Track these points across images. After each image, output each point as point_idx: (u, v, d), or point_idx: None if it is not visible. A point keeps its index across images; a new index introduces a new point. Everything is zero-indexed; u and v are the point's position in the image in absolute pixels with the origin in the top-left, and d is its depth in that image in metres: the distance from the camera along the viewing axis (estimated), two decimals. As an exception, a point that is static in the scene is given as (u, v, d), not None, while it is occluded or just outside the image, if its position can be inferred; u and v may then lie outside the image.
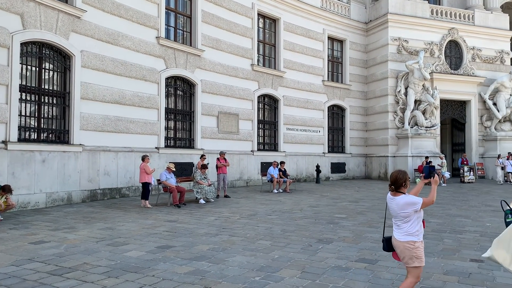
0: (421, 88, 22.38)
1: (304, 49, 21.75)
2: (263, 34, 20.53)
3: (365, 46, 24.68)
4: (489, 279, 5.35)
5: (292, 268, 5.80)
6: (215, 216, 10.33)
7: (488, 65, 24.98)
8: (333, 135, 23.73)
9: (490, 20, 25.07)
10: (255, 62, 19.34)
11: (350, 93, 24.04)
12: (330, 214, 10.78)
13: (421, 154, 21.47)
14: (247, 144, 18.92)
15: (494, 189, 18.18)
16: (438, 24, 23.79)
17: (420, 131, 22.00)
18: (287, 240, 7.56)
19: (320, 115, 22.55)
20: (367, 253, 6.65)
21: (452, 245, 7.28)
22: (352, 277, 5.44)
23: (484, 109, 24.75)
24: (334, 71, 23.97)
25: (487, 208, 12.13)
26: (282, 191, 16.33)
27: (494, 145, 24.16)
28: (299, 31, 21.56)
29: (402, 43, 22.95)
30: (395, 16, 22.83)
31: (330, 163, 22.93)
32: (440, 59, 23.73)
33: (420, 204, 3.86)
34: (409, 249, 3.90)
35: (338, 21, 23.33)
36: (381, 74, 23.44)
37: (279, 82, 20.50)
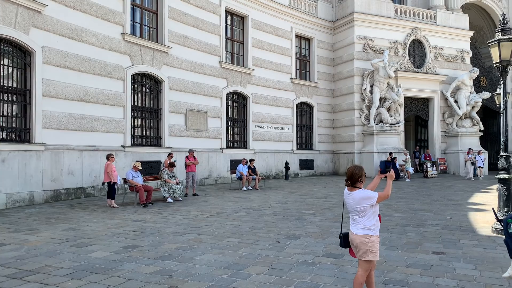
0: (386, 86, 22.90)
1: (273, 47, 21.84)
2: (231, 31, 20.47)
3: (332, 45, 25.02)
4: (449, 271, 5.54)
5: (259, 265, 5.83)
6: (183, 214, 10.24)
7: (449, 64, 25.83)
8: (301, 132, 23.96)
9: (451, 20, 25.92)
10: (223, 59, 19.26)
11: (318, 91, 24.33)
12: (298, 210, 10.89)
13: (386, 150, 21.99)
14: (216, 142, 18.84)
15: (455, 184, 18.85)
16: (402, 23, 24.39)
17: (385, 128, 22.53)
18: (255, 237, 7.58)
19: (288, 112, 22.72)
20: (333, 248, 6.75)
21: (415, 239, 7.50)
22: (319, 272, 5.51)
23: (446, 106, 25.59)
24: (302, 69, 24.18)
25: (448, 202, 12.56)
26: (251, 188, 16.37)
27: (456, 141, 25.04)
28: (267, 28, 21.63)
29: (368, 41, 23.41)
30: (360, 15, 23.25)
31: (299, 160, 23.16)
32: (404, 57, 24.35)
33: (375, 199, 3.94)
34: (365, 243, 3.98)
35: (306, 19, 23.55)
36: (347, 72, 23.84)
37: (247, 79, 20.50)
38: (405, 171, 21.45)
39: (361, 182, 4.05)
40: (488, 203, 12.08)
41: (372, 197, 3.95)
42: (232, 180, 17.39)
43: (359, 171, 4.04)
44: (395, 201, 12.78)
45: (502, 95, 8.46)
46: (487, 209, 11.01)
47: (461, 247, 6.86)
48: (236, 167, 16.93)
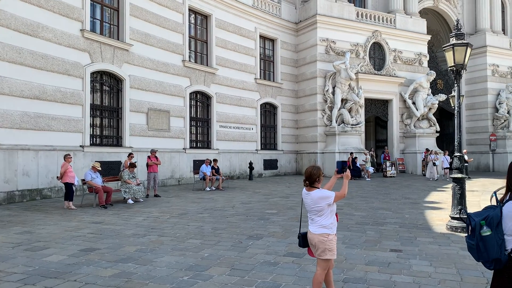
0: (348, 87, 23.38)
1: (237, 47, 21.82)
2: (194, 30, 20.28)
3: (296, 46, 25.29)
4: (406, 268, 5.70)
5: (221, 266, 5.79)
6: (143, 216, 10.04)
7: (408, 67, 26.69)
8: (265, 133, 24.07)
9: (410, 24, 26.80)
10: (186, 58, 19.06)
11: (282, 91, 24.51)
12: (261, 210, 10.92)
13: (348, 150, 22.45)
14: (179, 142, 18.60)
15: (413, 183, 19.49)
16: (363, 26, 24.98)
17: (347, 128, 22.99)
18: (217, 238, 7.53)
19: (253, 112, 22.76)
20: (295, 247, 6.80)
21: (374, 237, 7.68)
22: (280, 271, 5.54)
23: (404, 107, 26.42)
24: (266, 70, 24.30)
25: (406, 201, 12.95)
26: (215, 189, 16.27)
27: (413, 141, 25.91)
28: (231, 28, 21.58)
29: (330, 43, 23.82)
30: (323, 18, 23.62)
31: (263, 160, 23.25)
32: (365, 60, 24.95)
33: (333, 198, 4.01)
34: (323, 241, 4.03)
35: (270, 20, 23.68)
36: (310, 74, 24.16)
37: (211, 79, 20.37)
38: (365, 171, 21.98)
39: (319, 182, 4.10)
40: (443, 201, 12.56)
41: (329, 196, 4.00)
42: (195, 181, 17.23)
43: (317, 171, 4.09)
44: (356, 200, 13.06)
45: (456, 98, 8.81)
46: (443, 207, 11.45)
47: (417, 244, 7.09)
48: (200, 168, 16.78)
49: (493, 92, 30.32)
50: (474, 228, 2.86)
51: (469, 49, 8.40)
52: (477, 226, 2.86)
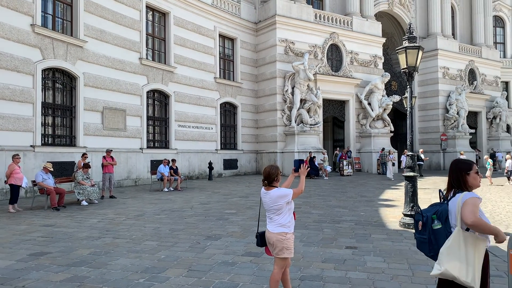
0: (306, 88, 23.72)
1: (196, 45, 21.60)
2: (152, 28, 19.89)
3: (255, 46, 25.36)
4: (360, 264, 5.83)
5: (178, 267, 5.70)
6: (98, 218, 9.73)
7: (364, 68, 27.42)
8: (225, 132, 23.99)
9: (366, 27, 27.54)
10: (143, 56, 18.66)
11: (242, 91, 24.52)
12: (220, 210, 10.86)
13: (306, 150, 22.77)
14: (135, 142, 18.19)
15: (368, 181, 20.04)
16: (321, 28, 25.41)
17: (305, 128, 23.32)
18: (175, 239, 7.42)
19: (212, 112, 22.62)
20: (253, 246, 6.80)
21: (330, 234, 7.82)
22: (238, 271, 5.52)
23: (360, 108, 27.11)
24: (226, 69, 24.21)
25: (362, 199, 13.29)
26: (173, 189, 16.03)
27: (369, 141, 26.65)
28: (190, 26, 21.35)
29: (289, 44, 24.07)
30: (282, 18, 23.82)
31: (223, 160, 23.16)
32: (323, 61, 25.40)
33: (291, 195, 4.05)
34: (281, 240, 4.06)
35: (229, 19, 23.61)
36: (270, 74, 24.31)
37: (169, 77, 20.06)
38: (323, 170, 22.38)
39: (277, 181, 4.13)
40: (397, 199, 12.99)
41: (288, 194, 4.04)
42: (152, 181, 16.89)
43: (275, 170, 4.12)
44: (314, 198, 13.27)
45: (409, 99, 9.12)
46: (396, 204, 11.83)
47: (372, 241, 7.28)
48: (157, 168, 16.47)
49: (444, 93, 31.71)
50: (426, 222, 3.04)
51: (421, 52, 8.72)
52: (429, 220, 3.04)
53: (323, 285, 4.98)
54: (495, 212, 10.90)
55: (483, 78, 34.83)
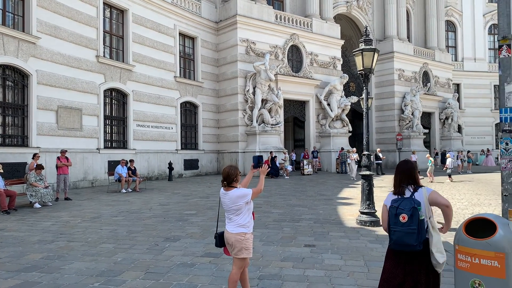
0: (267, 88, 23.86)
1: (155, 44, 21.24)
2: (110, 25, 19.38)
3: (216, 45, 25.24)
4: (318, 262, 5.93)
5: (135, 270, 5.59)
6: (52, 221, 9.37)
7: (323, 69, 27.92)
8: (186, 132, 23.73)
9: (325, 28, 28.05)
10: (100, 54, 18.14)
11: (203, 91, 24.33)
12: (180, 211, 10.73)
13: (268, 149, 22.92)
14: (92, 142, 17.65)
15: (328, 180, 20.43)
16: (281, 29, 25.63)
17: (267, 128, 23.46)
18: (132, 242, 7.26)
19: (172, 111, 22.31)
20: (213, 247, 6.73)
21: (290, 233, 7.90)
22: (197, 272, 5.48)
23: (320, 108, 27.59)
24: (186, 68, 23.95)
25: (321, 197, 13.53)
26: (132, 190, 15.68)
27: (328, 141, 27.17)
28: (149, 24, 20.96)
29: (250, 44, 24.13)
30: (243, 18, 23.84)
31: (183, 160, 22.89)
32: (284, 62, 25.65)
33: (250, 195, 4.06)
34: (240, 240, 4.06)
35: (189, 18, 23.37)
36: (231, 73, 24.27)
37: (128, 76, 19.61)
38: (284, 169, 22.60)
39: (236, 182, 4.12)
40: (355, 197, 13.31)
41: (247, 194, 4.04)
42: (110, 183, 16.44)
43: (235, 171, 4.11)
44: (274, 198, 13.37)
45: (365, 99, 9.37)
46: (354, 202, 12.12)
47: (330, 239, 7.42)
48: (115, 169, 16.05)
49: (399, 95, 32.79)
50: (413, 214, 3.23)
51: (376, 54, 8.98)
52: (416, 211, 3.25)
53: (282, 283, 5.02)
54: (446, 209, 11.36)
55: (436, 80, 36.31)
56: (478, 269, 2.89)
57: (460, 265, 3.04)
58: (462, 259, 3.02)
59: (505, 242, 2.85)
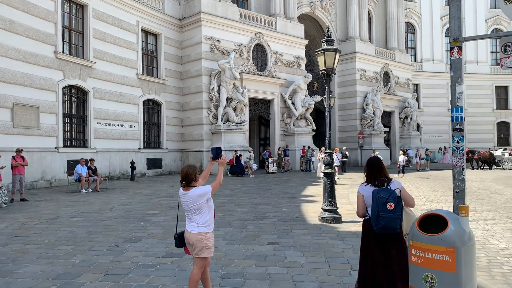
0: (232, 86, 23.80)
1: (117, 40, 20.74)
2: (69, 20, 18.75)
3: (180, 42, 24.94)
4: (281, 259, 5.98)
5: (94, 272, 5.45)
6: (6, 223, 8.98)
7: (288, 69, 28.15)
8: (149, 130, 23.33)
9: (290, 28, 28.29)
10: (59, 50, 17.53)
11: (166, 88, 23.99)
12: (142, 211, 10.54)
13: (233, 148, 22.88)
14: (50, 140, 17.04)
15: (292, 178, 20.64)
16: (246, 27, 25.63)
17: (232, 126, 23.42)
18: (92, 243, 7.07)
19: (135, 109, 21.87)
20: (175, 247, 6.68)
21: (253, 231, 7.93)
22: (158, 273, 5.40)
23: (285, 107, 27.82)
24: (149, 65, 23.53)
25: (285, 195, 13.65)
26: (92, 190, 15.26)
27: (293, 139, 27.45)
28: (111, 20, 20.44)
29: (215, 42, 23.98)
30: (207, 16, 23.66)
31: (146, 159, 22.49)
32: (249, 60, 25.66)
33: (210, 191, 4.05)
34: (201, 240, 4.03)
35: (152, 14, 22.96)
36: (195, 71, 24.04)
37: (88, 72, 19.06)
38: (249, 168, 22.64)
39: (195, 181, 4.08)
40: (318, 194, 13.51)
41: (207, 191, 4.02)
42: (69, 183, 15.91)
43: (193, 170, 4.07)
44: (239, 196, 13.37)
45: (327, 99, 9.52)
46: (317, 200, 12.30)
47: (292, 236, 7.49)
48: (74, 168, 15.56)
49: (361, 94, 33.54)
50: (398, 202, 3.83)
51: (338, 54, 9.14)
52: (400, 200, 3.86)
53: (244, 282, 5.03)
54: (405, 205, 11.73)
55: (396, 80, 37.39)
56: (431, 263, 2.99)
57: (414, 260, 3.14)
58: (416, 254, 3.12)
59: (455, 237, 2.97)
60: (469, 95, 42.89)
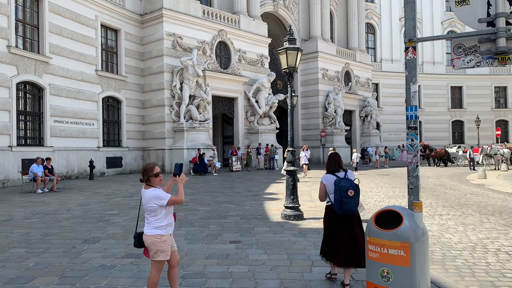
0: (195, 84, 23.55)
1: (75, 35, 20.05)
2: (23, 13, 17.95)
3: (141, 38, 24.42)
4: (243, 258, 5.97)
5: (49, 275, 5.25)
6: (-47, 226, 8.50)
7: (251, 67, 28.19)
8: (108, 128, 22.73)
9: (253, 26, 28.32)
10: (12, 44, 16.76)
11: (127, 85, 23.43)
12: (101, 211, 10.25)
13: (196, 146, 22.67)
14: (3, 139, 16.28)
15: (256, 176, 20.70)
16: (209, 24, 25.43)
17: (195, 124, 23.19)
18: (47, 245, 6.81)
19: (93, 106, 21.23)
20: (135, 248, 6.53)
21: (215, 230, 7.88)
22: (117, 274, 5.27)
23: (248, 105, 27.85)
24: (109, 61, 22.91)
25: (248, 193, 13.67)
26: (48, 190, 14.69)
27: (257, 137, 27.54)
28: (68, 14, 19.73)
29: (177, 39, 23.64)
30: (169, 12, 23.29)
31: (106, 158, 21.90)
32: (212, 58, 25.49)
33: (166, 200, 3.87)
34: (156, 243, 3.92)
35: (112, 9, 22.35)
36: (157, 68, 23.63)
37: (44, 68, 18.33)
38: (212, 166, 22.52)
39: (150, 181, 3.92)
40: (281, 192, 13.58)
41: (162, 197, 3.86)
42: (24, 183, 15.22)
43: (150, 167, 3.95)
44: (201, 195, 13.26)
45: (289, 97, 9.59)
46: (279, 197, 12.38)
47: (255, 234, 7.51)
48: (29, 167, 14.92)
49: (323, 93, 34.09)
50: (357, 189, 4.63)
51: (300, 53, 9.22)
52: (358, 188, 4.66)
53: (205, 281, 4.99)
54: (365, 202, 12.04)
55: (357, 79, 38.26)
56: (387, 258, 3.07)
57: (371, 255, 3.21)
58: (372, 249, 3.19)
59: (410, 232, 3.06)
60: (426, 95, 44.63)
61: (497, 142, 38.67)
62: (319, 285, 4.85)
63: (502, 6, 3.13)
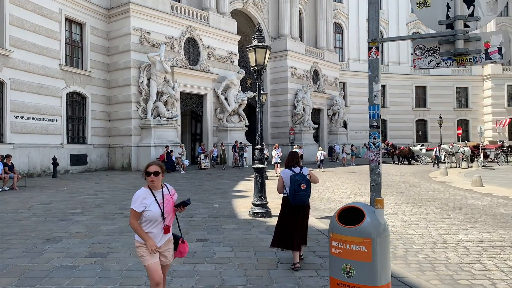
0: (163, 80, 23.21)
1: (37, 28, 19.35)
2: (-19, 3, 17.19)
3: (108, 33, 23.85)
4: (210, 256, 5.95)
5: (7, 276, 5.07)
6: None
7: (221, 64, 28.05)
8: (72, 125, 22.10)
9: (222, 23, 28.18)
10: (-31, 36, 16.04)
11: (92, 81, 22.84)
12: (64, 210, 9.97)
13: (163, 143, 22.37)
14: (-41, 135, 15.57)
15: (224, 174, 20.65)
16: (177, 20, 25.11)
17: (162, 121, 22.88)
18: (6, 245, 6.57)
19: (57, 102, 20.58)
20: (99, 247, 6.42)
21: (183, 228, 7.76)
22: (80, 274, 5.15)
23: (218, 103, 27.72)
24: (73, 56, 22.25)
25: (217, 191, 13.62)
26: (8, 189, 14.15)
27: (226, 134, 27.48)
28: (30, 6, 19.02)
29: (144, 34, 23.22)
30: (137, 7, 22.82)
31: (70, 155, 21.29)
32: (180, 54, 25.19)
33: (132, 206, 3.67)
34: (136, 247, 3.74)
35: (77, 2, 21.69)
36: (124, 64, 23.14)
37: (4, 62, 17.62)
38: (181, 164, 22.30)
39: (146, 176, 3.70)
40: (249, 189, 13.60)
41: (134, 200, 3.68)
42: (-18, 180, 14.66)
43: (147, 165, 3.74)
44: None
45: (258, 95, 9.62)
46: (248, 195, 12.39)
47: (222, 232, 7.50)
48: (-12, 165, 14.36)
49: (292, 91, 34.38)
50: (308, 184, 5.33)
51: (268, 51, 9.25)
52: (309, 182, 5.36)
53: (171, 280, 4.94)
54: (332, 199, 12.25)
55: (325, 78, 38.78)
56: (349, 254, 3.14)
57: (334, 251, 3.27)
58: (335, 245, 3.25)
59: (371, 228, 3.13)
60: (392, 94, 45.75)
61: (458, 141, 40.13)
62: (285, 281, 4.90)
63: (460, 9, 3.25)
